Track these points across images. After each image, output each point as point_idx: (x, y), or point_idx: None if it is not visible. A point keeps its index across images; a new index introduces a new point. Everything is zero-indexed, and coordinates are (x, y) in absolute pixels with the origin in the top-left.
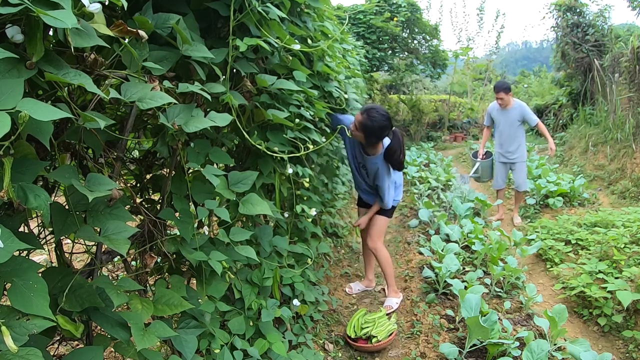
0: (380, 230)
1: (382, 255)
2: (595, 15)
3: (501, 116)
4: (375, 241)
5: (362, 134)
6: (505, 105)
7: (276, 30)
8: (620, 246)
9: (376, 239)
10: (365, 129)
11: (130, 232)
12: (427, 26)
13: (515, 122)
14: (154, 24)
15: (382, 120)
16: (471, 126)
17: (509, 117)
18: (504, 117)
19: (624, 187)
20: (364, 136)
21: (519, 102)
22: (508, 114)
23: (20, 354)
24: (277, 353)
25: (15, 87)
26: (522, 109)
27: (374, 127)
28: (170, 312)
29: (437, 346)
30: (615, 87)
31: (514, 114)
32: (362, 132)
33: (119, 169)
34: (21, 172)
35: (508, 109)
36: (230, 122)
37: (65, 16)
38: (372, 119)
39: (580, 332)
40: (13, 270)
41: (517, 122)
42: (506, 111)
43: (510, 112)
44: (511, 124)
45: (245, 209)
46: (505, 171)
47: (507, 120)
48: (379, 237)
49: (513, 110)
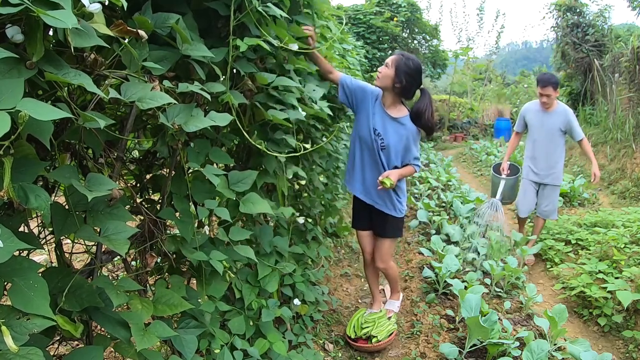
0: (391, 251)
1: (393, 273)
2: (595, 15)
3: (539, 121)
4: (387, 261)
5: (394, 74)
6: (549, 107)
7: (276, 30)
8: (620, 246)
9: (387, 259)
10: (400, 66)
11: (130, 232)
12: (427, 26)
13: (557, 130)
14: (154, 23)
15: (419, 65)
16: (471, 126)
17: (550, 123)
18: (544, 122)
19: (624, 187)
20: (395, 78)
21: (564, 106)
22: (549, 119)
23: (21, 354)
24: (277, 353)
25: (16, 86)
26: (568, 115)
27: (411, 66)
28: (170, 312)
29: (437, 346)
30: (615, 87)
31: (557, 120)
32: (395, 71)
33: (119, 168)
34: (21, 172)
35: (550, 112)
36: (231, 121)
37: (65, 16)
38: (409, 59)
39: (580, 332)
40: (13, 270)
41: (558, 131)
42: (547, 115)
43: (553, 117)
44: (551, 133)
45: (246, 208)
46: (534, 193)
47: (546, 126)
48: (390, 256)
49: (556, 115)
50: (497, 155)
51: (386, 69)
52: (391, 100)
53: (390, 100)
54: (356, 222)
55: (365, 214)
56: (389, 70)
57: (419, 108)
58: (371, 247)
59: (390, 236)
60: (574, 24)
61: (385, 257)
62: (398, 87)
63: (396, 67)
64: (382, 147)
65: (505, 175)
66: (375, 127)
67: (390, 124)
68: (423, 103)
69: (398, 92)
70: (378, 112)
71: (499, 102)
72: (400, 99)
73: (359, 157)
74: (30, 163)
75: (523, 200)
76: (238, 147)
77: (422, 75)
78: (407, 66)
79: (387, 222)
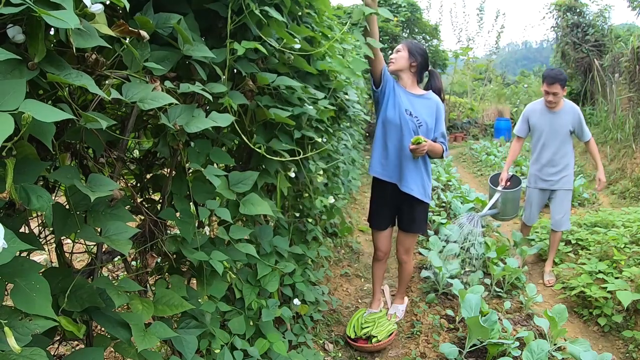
0: (414, 245)
1: (409, 269)
2: (595, 15)
3: (547, 122)
4: (410, 254)
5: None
6: (555, 106)
7: (277, 30)
8: (620, 246)
9: (411, 252)
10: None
11: (131, 232)
12: (427, 26)
13: (565, 131)
14: (155, 24)
15: (425, 49)
16: (471, 126)
17: (558, 123)
18: (551, 123)
19: (624, 187)
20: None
21: (572, 104)
22: (557, 120)
23: (24, 354)
24: (277, 352)
25: (18, 88)
26: (577, 114)
27: (421, 47)
28: (170, 313)
29: (437, 346)
30: (615, 87)
31: (565, 120)
32: (408, 52)
33: (120, 169)
34: (23, 172)
35: (557, 111)
36: (232, 121)
37: (67, 16)
38: (417, 43)
39: (580, 332)
40: (15, 270)
41: (566, 132)
42: (555, 115)
43: (560, 117)
44: (559, 134)
45: (246, 209)
46: (542, 200)
47: (554, 128)
48: (413, 251)
49: (564, 115)
50: (497, 155)
51: (399, 53)
52: (410, 81)
53: (409, 82)
54: (378, 221)
55: (389, 212)
56: (402, 53)
57: (438, 86)
58: (387, 247)
59: (415, 230)
60: (574, 24)
61: (411, 249)
62: (415, 66)
63: (408, 48)
64: (419, 125)
65: (502, 187)
66: (406, 108)
67: (418, 101)
68: (439, 81)
69: (414, 71)
70: (403, 95)
71: (499, 102)
72: (417, 80)
73: (393, 144)
74: (32, 164)
75: (530, 208)
76: (239, 147)
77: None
78: (417, 46)
79: (416, 211)
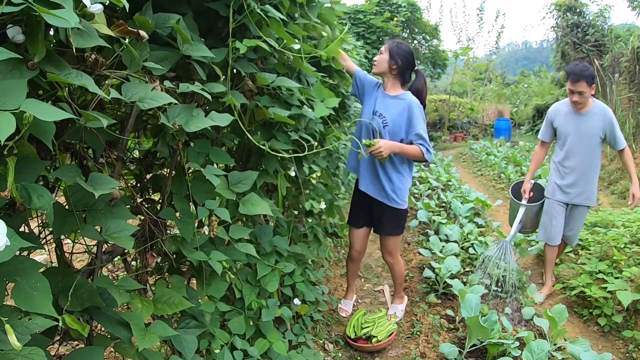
0: (396, 247)
1: (399, 269)
2: (595, 15)
3: (574, 125)
4: (395, 256)
5: (389, 57)
6: (582, 107)
7: (277, 30)
8: (620, 246)
9: (395, 254)
10: (394, 51)
11: (131, 230)
12: (427, 26)
13: (594, 137)
14: (154, 24)
15: (410, 48)
16: (471, 126)
17: (587, 127)
18: (579, 127)
19: (624, 187)
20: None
21: (602, 106)
22: (585, 123)
23: (23, 353)
24: (277, 352)
25: (18, 87)
26: (608, 117)
27: (403, 48)
28: (170, 311)
29: (437, 346)
30: (615, 87)
31: (595, 124)
32: (389, 54)
33: (120, 168)
34: (23, 171)
35: (585, 113)
36: (232, 121)
37: (67, 15)
38: (400, 42)
39: (580, 332)
40: (15, 269)
41: (596, 139)
42: (582, 118)
43: (589, 120)
44: (586, 140)
45: (246, 209)
46: (564, 216)
47: (580, 132)
48: (397, 251)
49: (592, 118)
50: (497, 156)
51: (380, 56)
52: (390, 83)
53: (390, 84)
54: (352, 218)
55: (363, 211)
56: (383, 56)
57: (418, 87)
58: (362, 246)
59: (388, 233)
60: (574, 24)
61: (393, 252)
62: (395, 69)
63: (389, 50)
64: (385, 125)
65: (526, 198)
66: (376, 109)
67: (390, 101)
68: (420, 82)
69: (395, 73)
70: (380, 97)
71: (499, 102)
72: (399, 81)
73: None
74: (32, 163)
75: (550, 225)
76: (238, 147)
77: (414, 57)
78: (399, 48)
79: (383, 213)
